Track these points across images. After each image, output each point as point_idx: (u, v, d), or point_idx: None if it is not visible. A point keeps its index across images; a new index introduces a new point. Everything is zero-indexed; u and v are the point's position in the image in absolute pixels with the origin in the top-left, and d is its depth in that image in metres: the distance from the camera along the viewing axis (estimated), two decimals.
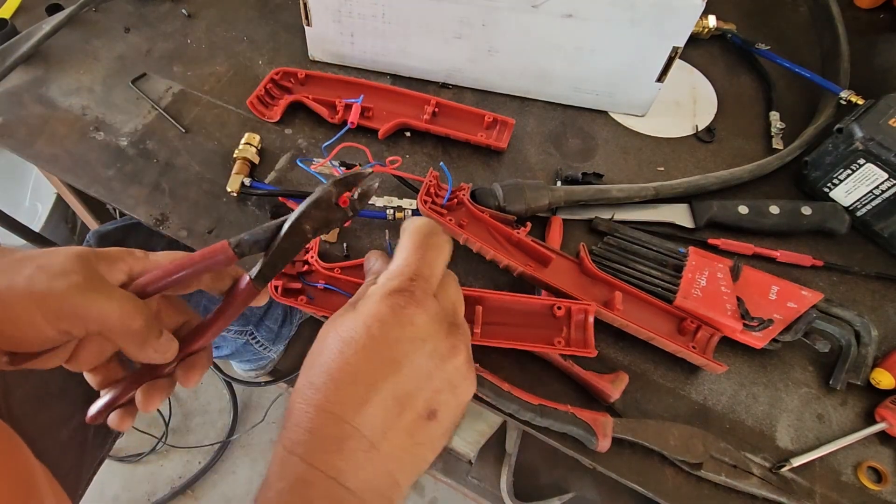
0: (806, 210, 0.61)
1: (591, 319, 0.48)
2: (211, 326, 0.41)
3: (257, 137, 0.64)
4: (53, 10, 0.73)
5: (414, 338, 0.33)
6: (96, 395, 0.55)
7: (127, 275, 0.38)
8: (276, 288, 0.51)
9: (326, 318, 0.42)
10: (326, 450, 0.31)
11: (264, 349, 1.07)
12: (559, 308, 0.48)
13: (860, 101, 0.65)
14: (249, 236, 0.40)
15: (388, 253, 0.43)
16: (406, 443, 0.33)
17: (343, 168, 0.53)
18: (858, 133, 0.58)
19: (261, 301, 0.43)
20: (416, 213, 0.57)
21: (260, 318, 1.00)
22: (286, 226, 0.41)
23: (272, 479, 0.32)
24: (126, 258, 0.38)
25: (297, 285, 0.52)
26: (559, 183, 0.63)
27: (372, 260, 0.42)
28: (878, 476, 0.50)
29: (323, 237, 0.58)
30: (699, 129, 0.71)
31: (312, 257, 0.54)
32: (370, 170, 0.45)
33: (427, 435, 0.34)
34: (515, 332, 0.49)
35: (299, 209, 0.41)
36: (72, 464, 0.58)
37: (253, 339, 1.02)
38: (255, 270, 0.41)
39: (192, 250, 0.45)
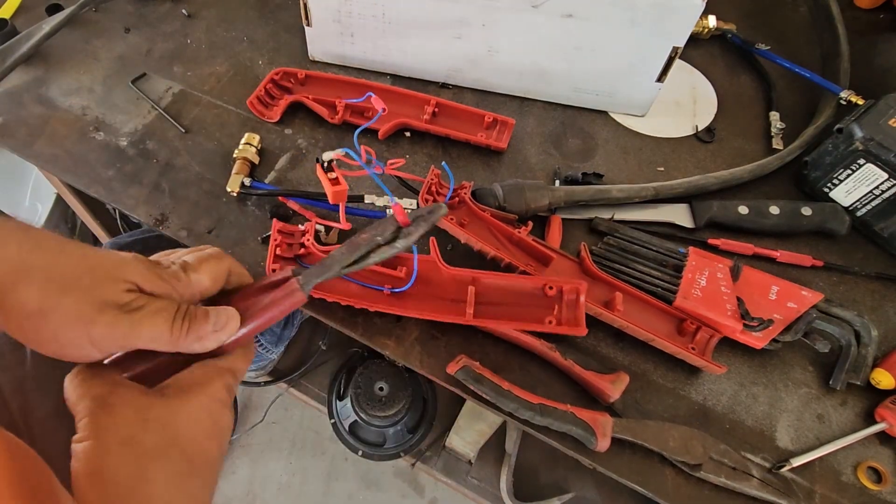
0: (806, 210, 0.61)
1: (582, 299, 0.47)
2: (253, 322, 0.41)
3: (257, 137, 0.64)
4: (53, 10, 0.73)
5: None
6: None
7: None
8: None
9: (325, 301, 0.42)
10: None
11: (266, 351, 1.08)
12: (551, 288, 0.48)
13: (860, 101, 0.65)
14: (315, 272, 0.41)
15: None
16: None
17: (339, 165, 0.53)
18: (858, 133, 0.58)
19: None
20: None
21: None
22: (358, 265, 0.42)
23: None
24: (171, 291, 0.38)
25: None
26: (559, 183, 0.64)
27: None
28: (878, 476, 0.50)
29: (323, 238, 0.58)
30: (699, 129, 0.71)
31: (308, 240, 0.53)
32: (445, 207, 0.44)
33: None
34: (507, 311, 0.49)
35: (380, 258, 0.42)
36: None
37: (255, 341, 1.02)
38: (308, 286, 0.41)
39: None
